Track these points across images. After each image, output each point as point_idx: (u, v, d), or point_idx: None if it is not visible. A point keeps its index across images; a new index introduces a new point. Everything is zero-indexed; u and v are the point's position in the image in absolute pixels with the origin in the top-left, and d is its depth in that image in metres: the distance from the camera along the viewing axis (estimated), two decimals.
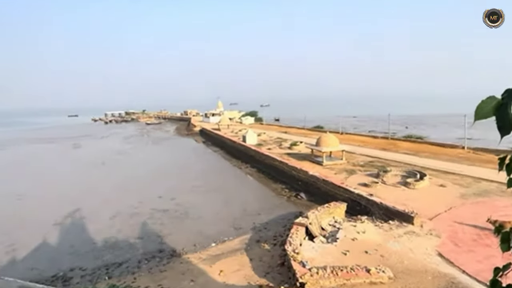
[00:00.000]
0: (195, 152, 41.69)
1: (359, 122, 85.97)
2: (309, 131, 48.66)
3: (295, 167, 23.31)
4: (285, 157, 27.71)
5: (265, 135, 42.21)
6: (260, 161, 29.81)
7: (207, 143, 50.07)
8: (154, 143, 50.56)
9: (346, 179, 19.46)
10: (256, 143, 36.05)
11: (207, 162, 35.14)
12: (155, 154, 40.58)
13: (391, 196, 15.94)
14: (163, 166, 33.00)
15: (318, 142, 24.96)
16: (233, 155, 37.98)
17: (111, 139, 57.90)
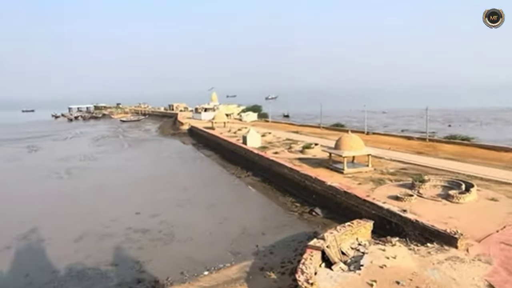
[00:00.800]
0: (183, 157, 41.96)
1: (389, 119, 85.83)
2: (326, 131, 48.98)
3: (308, 176, 23.42)
4: (296, 163, 27.92)
5: (271, 136, 42.47)
6: (264, 168, 29.99)
7: (198, 146, 50.24)
8: (131, 146, 50.93)
9: (372, 190, 19.72)
10: (259, 146, 36.21)
11: (197, 170, 35.40)
12: (133, 160, 40.84)
13: (430, 212, 16.02)
14: (143, 175, 33.27)
15: (337, 144, 25.07)
16: (230, 160, 38.01)
17: (78, 141, 58.34)
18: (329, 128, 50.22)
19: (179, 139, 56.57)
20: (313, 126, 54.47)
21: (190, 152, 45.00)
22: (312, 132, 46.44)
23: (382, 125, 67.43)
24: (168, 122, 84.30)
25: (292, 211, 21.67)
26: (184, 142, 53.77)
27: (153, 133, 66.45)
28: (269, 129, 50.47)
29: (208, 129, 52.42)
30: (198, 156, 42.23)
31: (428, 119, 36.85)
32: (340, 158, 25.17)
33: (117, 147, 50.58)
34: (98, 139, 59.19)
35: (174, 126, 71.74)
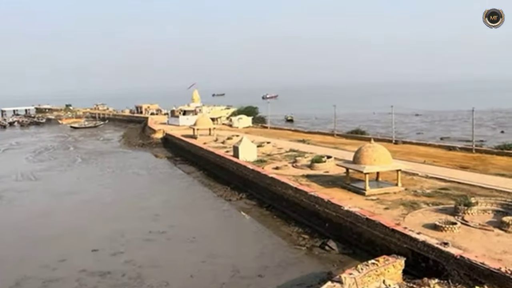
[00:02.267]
0: (155, 175, 42.23)
1: (424, 123, 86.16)
2: (342, 139, 49.37)
3: (319, 199, 23.58)
4: (304, 181, 28.08)
5: (271, 146, 42.87)
6: (262, 188, 30.24)
7: (175, 160, 50.51)
8: (86, 161, 51.20)
9: (403, 217, 19.77)
10: (255, 159, 36.56)
11: (174, 191, 35.60)
12: (88, 179, 40.92)
13: (478, 245, 16.14)
14: (102, 199, 33.41)
15: (357, 157, 25.29)
16: (218, 178, 38.42)
17: (13, 155, 58.31)
18: (346, 136, 50.66)
19: (150, 151, 56.76)
20: (325, 133, 54.86)
21: (165, 168, 45.03)
22: (324, 141, 46.71)
23: (414, 131, 68.11)
24: (135, 129, 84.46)
25: (299, 245, 21.67)
26: (156, 155, 53.86)
27: (115, 144, 66.58)
28: (268, 137, 50.75)
29: (189, 138, 52.69)
30: (175, 173, 42.28)
31: (474, 123, 37.19)
32: (360, 175, 25.37)
33: (67, 162, 50.59)
34: (41, 152, 59.21)
35: (143, 134, 71.80)
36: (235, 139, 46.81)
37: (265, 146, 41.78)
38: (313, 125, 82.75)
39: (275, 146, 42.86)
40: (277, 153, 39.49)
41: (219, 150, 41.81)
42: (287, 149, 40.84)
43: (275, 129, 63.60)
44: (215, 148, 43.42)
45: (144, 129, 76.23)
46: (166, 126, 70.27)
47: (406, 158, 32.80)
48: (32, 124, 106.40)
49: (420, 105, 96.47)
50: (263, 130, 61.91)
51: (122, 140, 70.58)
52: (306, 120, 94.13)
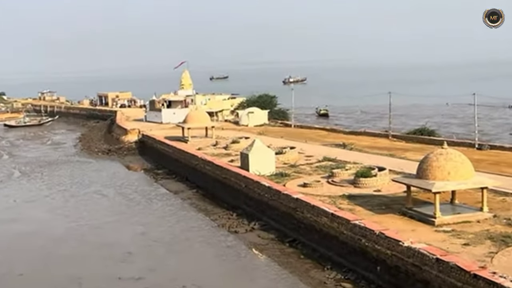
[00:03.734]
0: (127, 195, 42.40)
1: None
2: (401, 143, 49.49)
3: (367, 231, 23.39)
4: (344, 205, 28.25)
5: (296, 153, 42.80)
6: (283, 214, 30.23)
7: (157, 173, 50.95)
8: (26, 175, 51.61)
9: (491, 258, 19.71)
10: (273, 173, 36.65)
11: (155, 219, 35.66)
12: (30, 203, 41.19)
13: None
14: (49, 230, 33.64)
15: (423, 169, 25.00)
16: (219, 200, 38.59)
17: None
18: (406, 138, 50.50)
19: (120, 161, 57.29)
20: (375, 134, 54.68)
21: (141, 186, 45.29)
22: (374, 146, 46.62)
23: (507, 131, 67.36)
24: (97, 128, 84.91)
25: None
26: (129, 167, 54.31)
27: (69, 150, 67.07)
28: (292, 140, 50.76)
29: (176, 142, 52.95)
30: (157, 192, 42.48)
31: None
32: (428, 195, 25.08)
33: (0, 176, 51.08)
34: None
35: (109, 136, 72.19)
36: (243, 142, 46.80)
37: (287, 153, 41.62)
38: (358, 122, 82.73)
39: (302, 153, 42.69)
40: (305, 163, 39.30)
41: (221, 159, 41.78)
42: (319, 158, 40.67)
43: (301, 128, 63.53)
44: (215, 157, 43.42)
45: (111, 129, 76.53)
46: (143, 124, 70.57)
47: (495, 171, 32.42)
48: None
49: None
50: (284, 130, 61.91)
51: (79, 144, 70.99)
52: (347, 115, 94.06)
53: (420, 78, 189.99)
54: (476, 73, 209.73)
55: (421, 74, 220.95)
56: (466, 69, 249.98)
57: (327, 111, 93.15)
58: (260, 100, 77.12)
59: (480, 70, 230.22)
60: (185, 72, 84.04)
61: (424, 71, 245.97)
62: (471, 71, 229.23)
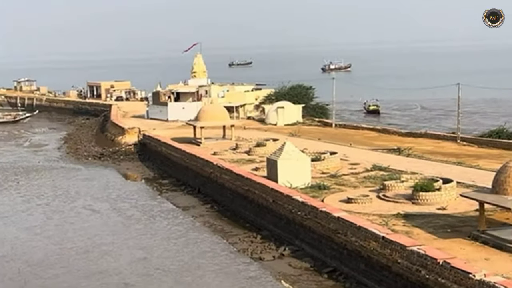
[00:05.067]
0: (125, 211, 42.52)
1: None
2: (471, 148, 48.89)
3: (428, 259, 22.87)
4: (399, 225, 28.08)
5: (337, 160, 42.71)
6: (320, 237, 30.09)
7: (161, 184, 51.12)
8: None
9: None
10: (308, 185, 36.61)
11: (159, 241, 35.61)
12: (2, 219, 41.32)
13: None
14: (27, 254, 33.72)
15: (501, 181, 24.25)
16: (239, 219, 38.71)
17: None
18: (479, 142, 50.04)
19: (116, 168, 57.56)
20: (440, 136, 54.29)
21: (142, 199, 45.43)
22: (437, 152, 46.36)
23: None
24: (87, 126, 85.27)
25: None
26: (126, 175, 54.66)
27: (51, 153, 67.48)
28: (332, 142, 50.78)
29: (186, 144, 53.22)
30: (161, 208, 42.56)
31: None
32: (506, 215, 24.88)
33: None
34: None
35: (102, 137, 72.56)
36: (270, 146, 46.85)
37: (327, 160, 41.58)
38: (417, 121, 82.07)
39: (345, 160, 42.62)
40: (350, 172, 39.23)
41: (242, 167, 41.82)
42: (367, 166, 40.64)
43: (345, 128, 63.26)
44: (234, 163, 43.49)
45: (105, 127, 76.87)
46: (144, 122, 70.93)
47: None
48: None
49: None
50: (323, 130, 61.76)
51: (65, 146, 71.39)
52: (403, 112, 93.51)
53: (499, 66, 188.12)
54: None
55: (499, 61, 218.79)
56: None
57: (377, 107, 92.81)
58: (292, 92, 76.88)
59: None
60: (197, 56, 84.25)
61: (504, 57, 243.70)
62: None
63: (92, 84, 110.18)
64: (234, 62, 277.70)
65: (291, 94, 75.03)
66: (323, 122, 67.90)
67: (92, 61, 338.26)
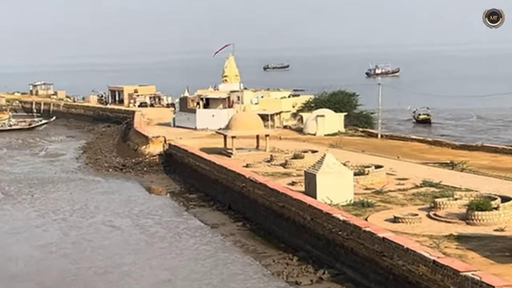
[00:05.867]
0: (148, 228, 42.64)
1: None
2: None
3: (486, 287, 22.70)
4: (451, 248, 27.62)
5: (383, 174, 42.73)
6: (364, 259, 29.79)
7: (187, 198, 51.38)
8: (10, 198, 52.43)
9: None
10: (350, 202, 36.43)
11: (186, 261, 35.69)
12: (15, 235, 41.86)
13: None
14: (41, 274, 33.94)
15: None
16: (274, 238, 38.59)
17: None
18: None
19: (139, 180, 57.96)
20: (497, 149, 53.76)
21: (167, 215, 45.61)
22: (495, 167, 45.97)
23: None
24: (108, 134, 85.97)
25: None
26: (150, 188, 55.03)
27: (69, 164, 68.22)
28: (378, 155, 50.82)
29: (216, 156, 53.40)
30: (188, 224, 42.73)
31: None
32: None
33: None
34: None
35: (125, 146, 73.07)
36: (309, 158, 46.86)
37: (371, 175, 41.50)
38: (473, 132, 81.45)
39: (392, 175, 42.56)
40: (397, 188, 39.11)
41: (277, 181, 41.82)
42: (417, 182, 40.45)
43: (392, 139, 63.03)
44: (269, 177, 43.52)
45: (127, 136, 77.44)
46: (170, 131, 71.38)
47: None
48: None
49: None
50: (367, 141, 61.63)
51: (84, 156, 72.16)
52: (457, 122, 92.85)
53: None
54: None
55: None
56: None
57: (428, 116, 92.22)
58: (333, 99, 76.58)
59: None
60: (229, 59, 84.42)
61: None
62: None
63: (114, 89, 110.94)
64: (270, 65, 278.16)
65: (332, 101, 74.78)
66: (367, 133, 67.72)
67: (112, 64, 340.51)
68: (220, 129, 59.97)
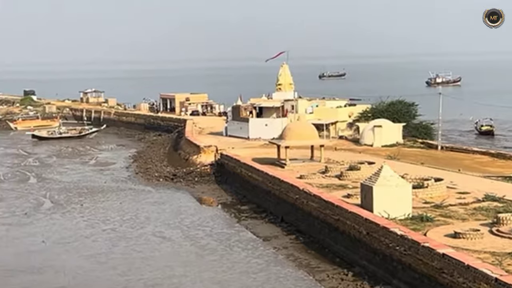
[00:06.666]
0: (198, 239, 42.91)
1: None
2: None
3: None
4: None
5: (443, 188, 42.19)
6: (423, 276, 29.36)
7: (239, 210, 51.58)
8: (60, 207, 53.23)
9: None
10: (408, 215, 35.95)
11: (237, 274, 35.57)
12: (64, 245, 42.27)
13: None
14: (89, 286, 34.26)
15: None
16: (328, 252, 38.32)
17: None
18: None
19: (190, 190, 58.27)
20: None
21: (218, 227, 45.87)
22: None
23: None
24: (159, 143, 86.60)
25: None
26: (201, 199, 55.27)
27: (119, 173, 69.04)
28: (438, 167, 50.38)
29: (269, 166, 53.45)
30: (240, 237, 42.88)
31: None
32: None
33: (24, 207, 52.80)
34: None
35: (176, 156, 73.41)
36: (365, 170, 46.60)
37: (430, 188, 41.01)
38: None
39: (452, 188, 42.06)
40: (457, 203, 38.61)
41: (332, 193, 41.67)
42: (478, 196, 39.90)
43: (452, 151, 62.44)
44: (323, 189, 43.38)
45: (178, 145, 77.85)
46: (222, 140, 71.67)
47: None
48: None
49: None
50: (427, 153, 61.13)
51: (134, 165, 72.90)
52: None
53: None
54: None
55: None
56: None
57: (492, 128, 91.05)
58: (391, 109, 76.05)
59: None
60: (283, 67, 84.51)
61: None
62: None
63: (166, 97, 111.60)
64: (325, 73, 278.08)
65: (390, 111, 74.16)
66: (427, 144, 67.07)
67: (165, 71, 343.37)
68: (273, 139, 59.76)
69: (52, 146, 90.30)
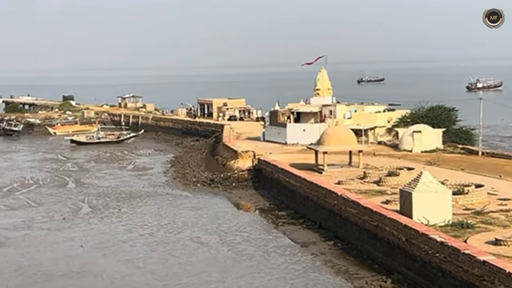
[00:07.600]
0: (235, 245, 42.90)
1: None
2: None
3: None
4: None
5: (484, 194, 41.69)
6: (462, 282, 29.10)
7: (277, 215, 51.54)
8: (98, 212, 53.67)
9: None
10: (447, 222, 35.54)
11: (274, 281, 35.52)
12: (102, 249, 42.62)
13: None
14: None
15: None
16: (367, 258, 38.14)
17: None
18: None
19: (227, 196, 58.30)
20: None
21: (256, 232, 45.85)
22: None
23: None
24: (197, 148, 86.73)
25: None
26: (239, 204, 55.13)
27: (157, 178, 69.34)
28: (478, 173, 50.08)
29: (306, 172, 53.31)
30: (277, 242, 42.85)
31: None
32: None
33: (63, 212, 53.39)
34: (12, 191, 63.13)
35: (213, 161, 73.46)
36: (404, 175, 46.42)
37: (471, 194, 40.69)
38: None
39: (493, 195, 41.69)
40: (499, 209, 38.31)
41: (370, 199, 41.52)
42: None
43: (494, 157, 61.83)
44: (362, 195, 43.24)
45: (216, 150, 77.96)
46: (259, 145, 71.67)
47: None
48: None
49: None
50: (467, 159, 60.59)
51: (171, 170, 73.16)
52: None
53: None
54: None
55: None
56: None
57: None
58: (431, 114, 75.47)
59: None
60: (322, 71, 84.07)
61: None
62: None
63: (203, 102, 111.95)
64: (364, 78, 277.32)
65: (430, 117, 73.58)
66: (467, 150, 66.46)
67: (201, 76, 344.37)
68: (311, 144, 59.65)
69: (91, 151, 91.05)
